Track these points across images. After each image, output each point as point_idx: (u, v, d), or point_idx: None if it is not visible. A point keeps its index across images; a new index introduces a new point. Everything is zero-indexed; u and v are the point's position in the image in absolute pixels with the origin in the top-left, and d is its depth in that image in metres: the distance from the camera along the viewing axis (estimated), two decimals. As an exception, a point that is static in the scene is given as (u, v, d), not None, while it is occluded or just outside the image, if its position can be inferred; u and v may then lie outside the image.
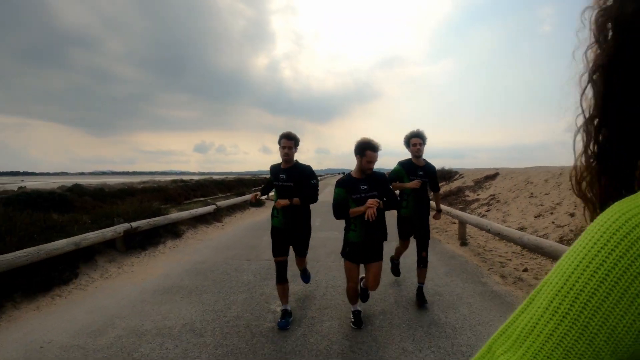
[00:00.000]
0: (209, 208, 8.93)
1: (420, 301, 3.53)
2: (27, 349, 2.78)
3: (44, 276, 4.01)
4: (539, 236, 5.57)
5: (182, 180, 24.17)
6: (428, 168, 3.65)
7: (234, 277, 4.49)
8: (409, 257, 4.20)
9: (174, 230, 7.04)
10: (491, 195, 10.16)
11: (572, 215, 6.26)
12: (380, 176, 3.02)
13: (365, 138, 2.94)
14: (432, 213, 4.00)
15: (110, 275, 4.71)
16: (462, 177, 15.06)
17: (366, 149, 2.88)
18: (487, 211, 8.90)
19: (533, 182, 9.28)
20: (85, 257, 4.82)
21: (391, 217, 3.70)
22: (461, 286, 4.08)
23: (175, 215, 7.25)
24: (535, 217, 7.03)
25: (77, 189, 16.43)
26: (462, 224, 6.42)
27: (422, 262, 3.65)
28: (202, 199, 16.89)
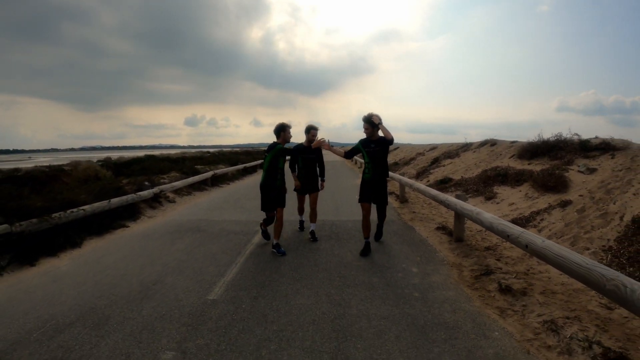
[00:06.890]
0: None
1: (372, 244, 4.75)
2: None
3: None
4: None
5: (208, 152, 27.80)
6: (379, 140, 4.51)
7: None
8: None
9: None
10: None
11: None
12: (317, 149, 4.85)
13: (309, 124, 4.82)
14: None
15: (232, 182, 14.33)
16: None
17: (310, 129, 4.69)
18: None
19: (404, 150, 21.39)
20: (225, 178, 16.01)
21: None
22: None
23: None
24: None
25: (180, 156, 26.22)
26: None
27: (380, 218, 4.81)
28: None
